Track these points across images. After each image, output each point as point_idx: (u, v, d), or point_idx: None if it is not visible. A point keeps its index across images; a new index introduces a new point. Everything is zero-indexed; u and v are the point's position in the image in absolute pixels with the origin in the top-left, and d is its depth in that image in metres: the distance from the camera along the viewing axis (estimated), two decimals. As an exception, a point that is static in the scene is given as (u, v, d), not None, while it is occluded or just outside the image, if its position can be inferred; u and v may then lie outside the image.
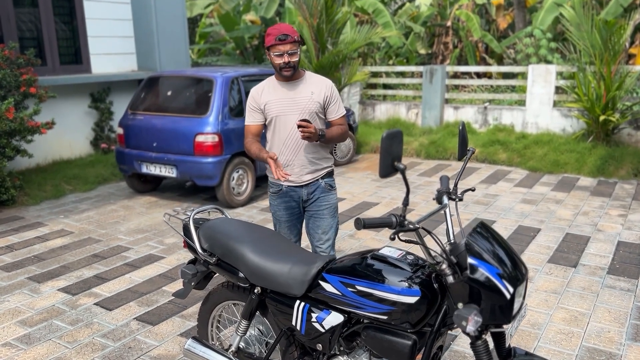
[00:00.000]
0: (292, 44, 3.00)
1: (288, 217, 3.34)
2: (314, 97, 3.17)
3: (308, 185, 3.26)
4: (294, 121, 3.14)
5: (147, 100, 6.57)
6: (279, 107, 3.15)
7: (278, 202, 3.31)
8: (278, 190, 3.30)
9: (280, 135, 3.18)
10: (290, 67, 3.04)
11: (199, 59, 15.02)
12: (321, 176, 3.29)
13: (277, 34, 2.98)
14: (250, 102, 3.23)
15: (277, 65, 3.05)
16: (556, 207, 6.17)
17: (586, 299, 3.98)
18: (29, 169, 7.36)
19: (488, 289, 1.88)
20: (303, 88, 3.18)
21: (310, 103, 3.16)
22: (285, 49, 2.99)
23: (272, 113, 3.16)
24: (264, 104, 3.17)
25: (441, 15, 14.79)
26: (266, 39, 3.03)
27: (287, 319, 2.41)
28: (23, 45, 7.36)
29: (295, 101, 3.15)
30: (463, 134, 2.27)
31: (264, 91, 3.19)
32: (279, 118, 3.16)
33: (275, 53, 3.00)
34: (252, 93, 3.23)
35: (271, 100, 3.16)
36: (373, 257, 2.19)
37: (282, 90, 3.17)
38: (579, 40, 8.19)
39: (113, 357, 3.32)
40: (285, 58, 3.01)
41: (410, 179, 7.55)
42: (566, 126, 8.74)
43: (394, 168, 1.78)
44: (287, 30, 2.99)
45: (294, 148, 3.18)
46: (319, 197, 3.28)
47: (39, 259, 4.85)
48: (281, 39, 2.96)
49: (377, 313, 2.10)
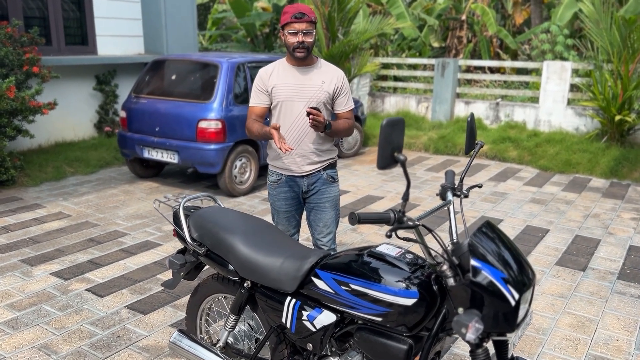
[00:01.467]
0: (308, 23, 2.87)
1: (287, 208, 3.22)
2: (324, 86, 3.04)
3: (309, 176, 3.14)
4: (300, 108, 3.02)
5: (151, 84, 6.44)
6: (287, 92, 3.03)
7: (277, 192, 3.20)
8: (277, 180, 3.18)
9: (285, 121, 3.06)
10: (304, 47, 2.91)
11: (210, 45, 14.87)
12: (323, 167, 3.17)
13: (294, 12, 2.86)
14: (258, 82, 3.08)
15: (290, 45, 2.92)
16: (566, 207, 5.99)
17: (594, 305, 3.82)
18: (31, 150, 7.27)
19: (491, 294, 1.74)
20: (314, 75, 3.05)
21: (320, 92, 3.03)
22: (301, 27, 2.87)
23: (279, 97, 3.03)
24: (272, 87, 3.04)
25: (456, 9, 14.52)
26: (282, 17, 2.91)
27: (277, 316, 2.28)
28: (29, 24, 7.25)
29: (304, 88, 3.02)
30: (472, 126, 2.12)
31: (272, 73, 3.06)
32: (285, 103, 3.03)
33: (290, 31, 2.88)
34: (260, 73, 3.08)
35: (279, 83, 3.03)
36: (370, 255, 2.05)
37: (292, 74, 3.04)
38: (597, 37, 7.96)
39: (100, 346, 3.21)
40: (300, 37, 2.88)
41: (417, 174, 7.39)
42: (580, 125, 8.52)
43: (394, 159, 1.63)
44: (304, 9, 2.87)
45: (297, 136, 3.06)
46: (319, 189, 3.17)
47: (34, 242, 4.76)
48: (297, 17, 2.85)
49: (371, 314, 1.97)
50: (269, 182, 3.24)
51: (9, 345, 3.20)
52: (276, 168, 3.18)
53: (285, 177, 3.15)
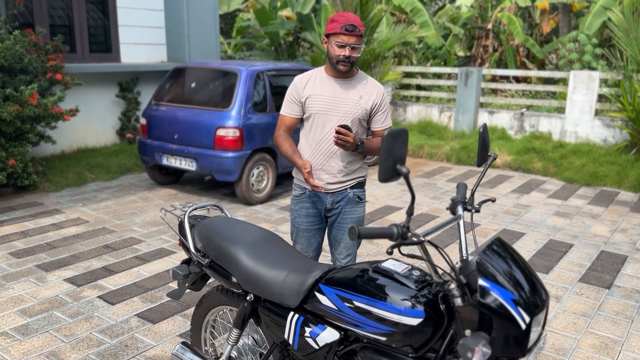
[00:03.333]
0: (357, 37, 2.69)
1: (307, 226, 3.00)
2: (362, 102, 2.84)
3: (334, 194, 2.94)
4: (334, 123, 2.83)
5: (171, 92, 6.46)
6: (322, 105, 2.83)
7: (299, 207, 3.00)
8: (301, 194, 2.99)
9: (316, 135, 2.87)
10: (350, 62, 2.73)
11: (235, 53, 14.96)
12: (350, 185, 2.96)
13: (344, 23, 2.66)
14: (292, 91, 2.90)
15: (334, 57, 2.74)
16: (592, 222, 5.78)
17: (619, 325, 3.64)
18: (54, 156, 7.36)
19: (500, 317, 1.63)
20: (352, 89, 2.85)
21: (356, 107, 2.83)
22: (350, 41, 2.68)
23: (312, 109, 2.85)
24: (306, 97, 2.85)
25: (482, 18, 14.33)
26: (329, 25, 2.72)
27: (280, 331, 2.20)
28: (54, 32, 7.37)
29: (340, 102, 2.83)
30: (484, 138, 2.02)
31: (308, 82, 2.87)
32: (318, 116, 2.84)
33: (338, 43, 2.70)
34: (295, 82, 2.90)
35: (315, 94, 2.84)
36: (375, 270, 1.97)
37: (329, 85, 2.85)
38: (627, 47, 7.73)
39: (107, 355, 3.18)
40: (347, 51, 2.70)
41: (438, 185, 7.25)
42: (608, 137, 8.27)
43: (396, 172, 1.55)
44: (355, 20, 2.68)
45: (327, 152, 2.87)
46: (344, 208, 2.96)
47: (50, 247, 4.79)
48: (348, 30, 2.65)
49: (375, 333, 1.88)
50: (293, 196, 3.06)
51: (17, 352, 3.19)
52: (300, 182, 3.00)
53: (309, 191, 2.96)
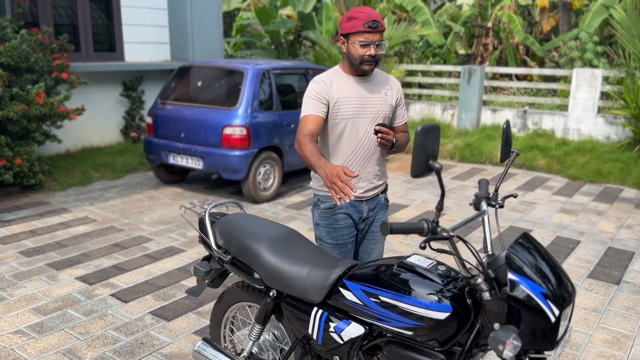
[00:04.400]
0: (381, 33, 2.49)
1: (345, 240, 2.70)
2: (387, 98, 2.69)
3: (369, 201, 2.74)
4: (366, 126, 2.63)
5: (177, 90, 6.47)
6: (353, 108, 2.60)
7: (333, 221, 2.67)
8: (333, 207, 2.68)
9: (350, 142, 2.63)
10: (375, 61, 2.54)
11: (235, 52, 14.96)
12: (381, 190, 2.81)
13: (366, 19, 2.44)
14: (316, 89, 2.58)
15: (358, 57, 2.51)
16: (597, 218, 5.82)
17: (630, 320, 3.67)
18: (59, 155, 7.36)
19: (530, 310, 1.65)
20: (376, 87, 2.67)
21: (384, 106, 2.67)
22: (374, 38, 2.47)
23: (344, 114, 2.60)
24: (335, 101, 2.59)
25: (482, 16, 14.36)
26: (347, 23, 2.49)
27: (303, 327, 2.22)
28: (58, 31, 7.36)
29: (369, 102, 2.63)
30: (507, 134, 2.04)
31: (333, 84, 2.60)
32: (352, 122, 2.61)
33: (361, 42, 2.46)
34: (318, 82, 2.60)
35: (344, 97, 2.59)
36: (400, 266, 1.99)
37: (355, 87, 2.62)
38: (629, 44, 7.76)
39: (124, 352, 3.20)
40: (372, 50, 2.49)
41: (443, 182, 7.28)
42: (611, 134, 8.31)
43: (429, 167, 1.56)
44: (376, 15, 2.46)
45: (364, 158, 2.66)
46: (376, 216, 2.78)
47: (60, 246, 4.79)
48: (371, 27, 2.44)
49: (401, 327, 1.90)
50: (321, 210, 2.71)
51: (34, 350, 3.20)
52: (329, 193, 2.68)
53: (342, 202, 2.68)
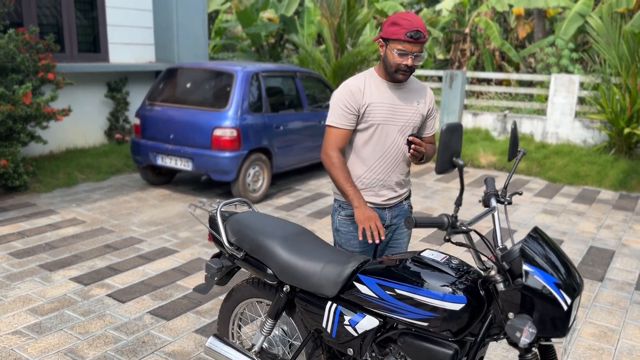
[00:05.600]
0: (421, 44, 2.41)
1: (365, 247, 2.67)
2: (419, 108, 2.62)
3: (392, 208, 2.70)
4: (394, 134, 2.57)
5: (166, 92, 6.47)
6: (383, 114, 2.54)
7: (352, 229, 2.64)
8: None
9: (377, 148, 2.57)
10: (410, 72, 2.47)
11: (215, 54, 14.94)
12: (405, 197, 2.76)
13: (409, 28, 2.35)
14: (347, 99, 2.50)
15: (394, 65, 2.44)
16: (578, 219, 6.02)
17: (615, 315, 3.83)
18: (43, 156, 7.27)
19: (544, 299, 1.75)
20: (409, 95, 2.60)
21: (415, 115, 2.60)
22: (414, 49, 2.39)
23: (375, 119, 2.53)
24: (366, 105, 2.51)
25: (459, 22, 14.65)
26: (389, 28, 2.41)
27: (316, 320, 2.28)
28: (43, 31, 7.28)
29: (400, 110, 2.57)
30: (514, 135, 2.14)
31: (365, 88, 2.53)
32: (381, 127, 2.54)
33: (400, 51, 2.39)
34: (350, 88, 2.52)
35: (376, 102, 2.53)
36: (414, 260, 2.07)
37: (388, 92, 2.55)
38: (605, 51, 8.04)
39: (126, 351, 3.21)
40: (409, 60, 2.41)
41: (427, 184, 7.42)
42: (587, 138, 8.58)
43: (452, 164, 1.65)
44: (420, 25, 2.37)
45: (390, 166, 2.61)
46: (399, 223, 2.74)
47: (50, 247, 4.75)
48: (413, 37, 2.35)
49: (417, 319, 1.98)
50: (343, 216, 2.66)
51: (35, 350, 3.19)
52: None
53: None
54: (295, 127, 6.64)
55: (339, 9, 9.19)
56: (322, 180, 7.43)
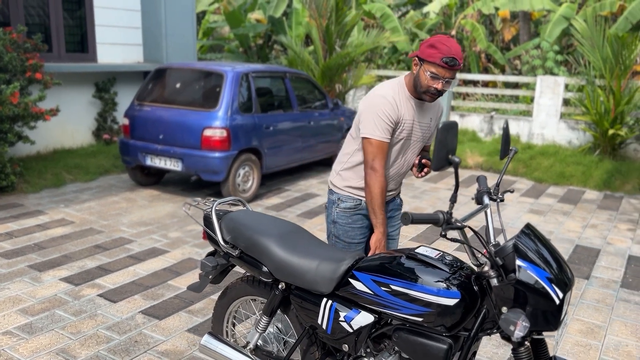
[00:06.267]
0: (455, 72, 2.43)
1: (361, 239, 2.76)
2: (432, 124, 2.72)
3: (387, 203, 2.80)
4: (413, 147, 2.67)
5: (155, 92, 6.45)
6: (408, 130, 2.60)
7: (353, 220, 2.72)
8: (356, 205, 2.71)
9: (398, 161, 2.67)
10: (439, 95, 2.51)
11: (202, 55, 14.90)
12: (397, 193, 2.88)
13: (446, 54, 2.36)
14: (389, 111, 2.51)
15: (424, 87, 2.47)
16: (564, 218, 6.11)
17: (601, 312, 3.91)
18: (30, 156, 7.21)
19: (537, 293, 1.80)
20: (427, 112, 2.68)
21: (428, 131, 2.71)
22: (447, 75, 2.41)
23: (402, 135, 2.59)
24: (401, 119, 2.56)
25: (446, 24, 14.78)
26: (427, 49, 2.41)
27: (312, 317, 2.31)
28: (30, 31, 7.22)
29: (419, 126, 2.65)
30: (506, 133, 2.19)
31: (400, 102, 2.56)
32: (404, 142, 2.62)
33: (432, 75, 2.41)
34: (389, 100, 2.52)
35: (407, 119, 2.58)
36: (409, 257, 2.10)
37: (413, 109, 2.60)
38: (590, 54, 8.18)
39: (119, 351, 3.21)
40: (440, 85, 2.43)
41: (415, 185, 7.48)
42: (572, 139, 8.71)
43: (448, 161, 1.69)
44: (457, 53, 2.37)
45: (397, 176, 2.74)
46: (392, 216, 2.85)
47: (39, 247, 4.72)
48: (448, 64, 2.37)
49: (411, 314, 2.01)
50: (341, 209, 2.74)
51: (26, 350, 3.18)
52: (353, 194, 2.72)
53: (364, 202, 2.70)
54: (285, 127, 6.66)
55: (328, 11, 9.23)
56: (312, 180, 7.45)
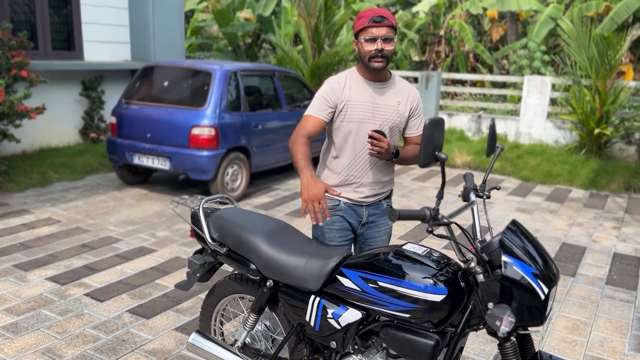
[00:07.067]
0: (388, 28, 2.47)
1: (340, 241, 2.71)
2: (400, 107, 2.65)
3: (370, 206, 2.73)
4: None
5: (142, 90, 6.41)
6: (362, 112, 2.59)
7: (332, 221, 2.68)
8: (334, 206, 2.68)
9: (355, 146, 2.62)
10: (384, 57, 2.49)
11: (191, 53, 14.84)
12: (384, 197, 2.79)
13: (372, 15, 2.46)
14: (327, 92, 2.59)
15: (366, 54, 2.50)
16: (551, 217, 6.16)
17: (587, 309, 3.95)
18: (15, 155, 7.13)
19: (522, 289, 1.81)
20: (389, 94, 2.64)
21: (395, 114, 2.64)
22: (380, 33, 2.45)
23: (352, 117, 2.59)
24: (345, 102, 2.58)
25: (435, 24, 14.84)
26: (357, 22, 2.52)
27: (300, 314, 2.31)
28: (15, 28, 7.15)
29: (378, 109, 2.61)
30: (493, 131, 2.21)
31: (346, 86, 2.60)
32: (358, 125, 2.59)
33: (367, 37, 2.46)
34: (332, 83, 2.61)
35: (355, 100, 2.58)
36: (396, 253, 2.11)
37: (367, 90, 2.61)
38: (576, 54, 8.25)
39: (106, 350, 3.18)
40: (379, 45, 2.46)
41: (404, 184, 7.51)
42: (559, 138, 8.79)
43: (435, 158, 1.70)
44: (383, 12, 2.48)
45: (366, 164, 2.65)
46: (377, 221, 2.76)
47: (25, 247, 4.68)
48: (376, 21, 2.44)
49: (399, 311, 2.02)
50: None
51: (12, 350, 3.14)
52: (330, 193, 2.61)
53: (344, 204, 2.68)
54: (273, 126, 6.65)
55: (317, 10, 9.23)
56: (300, 179, 7.45)
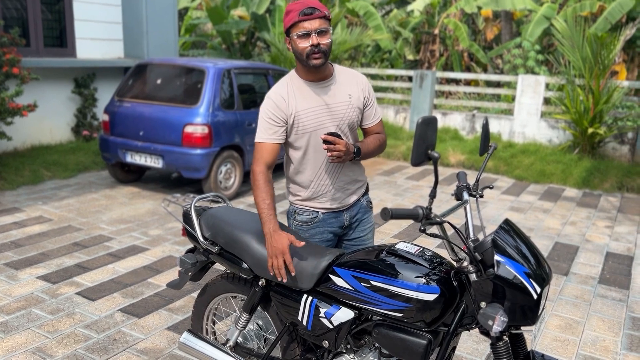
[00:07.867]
0: (321, 19, 2.23)
1: None
2: (353, 101, 2.43)
3: (350, 209, 2.57)
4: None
5: (135, 88, 6.37)
6: (315, 119, 2.36)
7: (312, 234, 2.53)
8: (312, 218, 2.52)
9: (317, 156, 2.42)
10: (321, 52, 2.24)
11: (184, 51, 14.77)
12: (361, 194, 2.62)
13: (301, 8, 2.21)
14: (271, 111, 2.34)
15: (302, 51, 2.25)
16: (544, 216, 6.18)
17: (579, 308, 3.95)
18: (6, 153, 7.08)
19: (515, 288, 1.80)
20: (337, 90, 2.41)
21: (350, 110, 2.41)
22: (313, 26, 2.21)
23: (307, 128, 2.36)
24: (294, 115, 2.34)
25: (429, 23, 14.85)
26: (285, 18, 2.27)
27: (292, 314, 2.30)
28: (7, 24, 7.09)
29: (331, 110, 2.38)
30: (486, 130, 2.20)
31: (290, 96, 2.35)
32: (315, 134, 2.38)
33: (299, 33, 2.22)
34: (272, 98, 2.35)
35: (304, 109, 2.35)
36: (389, 252, 2.10)
37: (314, 95, 2.37)
38: (570, 53, 8.27)
39: (97, 349, 3.16)
40: (314, 39, 2.21)
41: (398, 182, 7.50)
42: (553, 137, 8.81)
43: (428, 156, 1.68)
44: (312, 2, 2.23)
45: (333, 172, 2.46)
46: (361, 219, 2.62)
47: (16, 245, 4.64)
48: (307, 13, 2.20)
49: (391, 310, 2.01)
50: (298, 222, 2.54)
51: (1, 349, 3.11)
52: (307, 206, 2.53)
53: (322, 214, 2.52)
54: (267, 124, 6.62)
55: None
56: (294, 178, 7.42)
